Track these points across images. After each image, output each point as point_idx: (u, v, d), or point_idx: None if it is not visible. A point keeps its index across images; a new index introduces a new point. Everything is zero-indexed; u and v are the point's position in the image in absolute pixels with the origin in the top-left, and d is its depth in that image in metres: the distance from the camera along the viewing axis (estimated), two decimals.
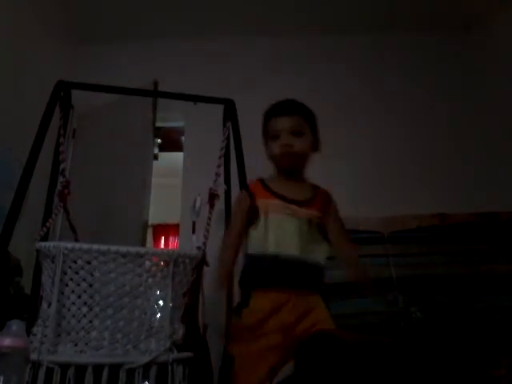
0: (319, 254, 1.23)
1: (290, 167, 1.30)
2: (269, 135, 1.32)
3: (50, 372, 1.08)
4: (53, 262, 1.19)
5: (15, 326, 1.07)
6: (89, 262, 1.18)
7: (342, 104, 2.97)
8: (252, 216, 1.25)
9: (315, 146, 1.33)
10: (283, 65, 3.09)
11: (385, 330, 2.07)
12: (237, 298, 1.29)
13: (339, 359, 0.97)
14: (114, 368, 1.10)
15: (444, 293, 2.17)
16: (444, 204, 2.49)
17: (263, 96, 2.90)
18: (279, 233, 1.21)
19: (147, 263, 1.23)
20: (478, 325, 2.05)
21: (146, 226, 2.40)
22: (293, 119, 1.29)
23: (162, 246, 5.71)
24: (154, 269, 1.24)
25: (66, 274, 1.18)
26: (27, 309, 1.50)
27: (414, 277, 2.23)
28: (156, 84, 2.55)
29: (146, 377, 1.12)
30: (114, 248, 1.19)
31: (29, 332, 1.14)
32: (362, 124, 2.92)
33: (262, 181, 1.32)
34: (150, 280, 1.23)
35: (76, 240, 1.65)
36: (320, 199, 1.30)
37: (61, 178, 1.57)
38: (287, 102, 1.36)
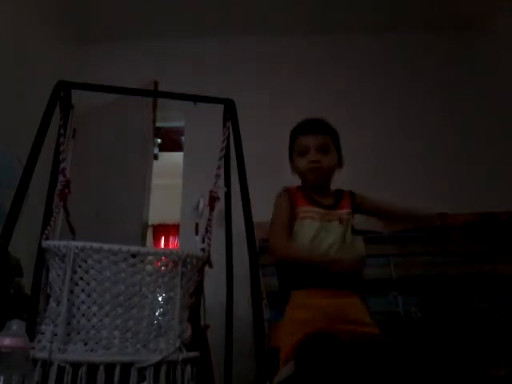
0: (355, 250, 1.29)
1: (318, 182, 1.39)
2: (296, 151, 1.41)
3: (60, 371, 1.08)
4: (62, 260, 1.19)
5: (15, 325, 1.07)
6: (99, 261, 1.18)
7: (341, 103, 2.97)
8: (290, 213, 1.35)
9: (340, 162, 1.45)
10: (283, 65, 3.10)
11: (385, 330, 2.07)
12: None
13: (338, 359, 0.97)
14: (125, 367, 1.11)
15: (444, 293, 2.17)
16: (444, 204, 2.49)
17: (263, 96, 2.95)
18: (317, 236, 1.30)
19: (156, 263, 1.24)
20: (477, 325, 2.05)
21: (145, 226, 2.40)
22: (320, 137, 1.37)
23: (162, 246, 5.71)
24: (163, 269, 1.25)
25: (75, 272, 1.18)
26: (27, 309, 1.50)
27: (414, 277, 2.23)
28: (156, 84, 2.55)
29: (156, 376, 1.12)
30: (124, 248, 1.19)
31: (29, 332, 1.14)
32: (362, 123, 2.92)
33: (300, 187, 1.42)
34: (159, 280, 1.23)
35: (73, 240, 1.65)
36: (347, 198, 1.42)
37: (61, 178, 1.57)
38: (314, 121, 1.42)
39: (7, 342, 1.03)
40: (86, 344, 1.14)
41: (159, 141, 3.87)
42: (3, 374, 1.00)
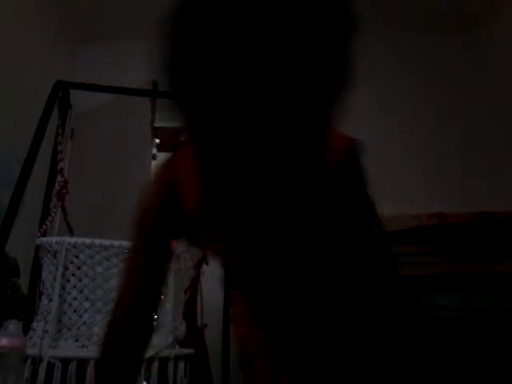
0: None
1: None
2: None
3: (50, 367, 1.09)
4: (55, 257, 1.20)
5: (12, 325, 1.07)
6: (91, 257, 1.19)
7: (341, 104, 2.96)
8: None
9: None
10: None
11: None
12: None
13: None
14: None
15: (444, 293, 2.17)
16: (444, 204, 2.49)
17: None
18: None
19: None
20: (477, 325, 2.04)
21: None
22: None
23: None
24: None
25: (67, 269, 1.19)
26: (24, 309, 1.50)
27: (411, 276, 2.22)
28: (155, 84, 2.55)
29: (148, 372, 1.12)
30: (116, 243, 1.20)
31: (26, 332, 1.14)
32: (361, 124, 2.90)
33: None
34: None
35: None
36: None
37: (59, 178, 1.58)
38: None
39: (4, 341, 1.03)
40: (77, 340, 1.14)
41: (158, 141, 3.86)
42: (0, 374, 1.00)
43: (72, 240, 1.20)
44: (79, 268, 1.19)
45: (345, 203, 0.68)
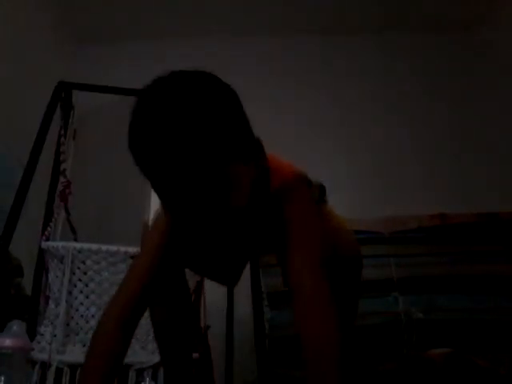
0: None
1: None
2: None
3: (59, 372, 1.09)
4: (61, 262, 1.20)
5: (16, 326, 1.08)
6: (97, 263, 1.19)
7: (341, 104, 2.97)
8: None
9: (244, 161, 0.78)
10: (283, 65, 3.10)
11: (385, 331, 2.07)
12: None
13: None
14: (124, 368, 1.11)
15: (444, 293, 2.17)
16: (444, 204, 2.49)
17: (263, 96, 2.94)
18: None
19: None
20: (477, 325, 2.05)
21: (146, 226, 2.40)
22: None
23: None
24: None
25: (74, 274, 1.19)
26: (28, 309, 1.50)
27: (414, 277, 2.23)
28: None
29: (154, 377, 1.13)
30: (123, 249, 1.20)
31: (30, 332, 1.14)
32: (361, 124, 2.92)
33: None
34: None
35: (75, 241, 1.65)
36: None
37: (62, 179, 1.58)
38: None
39: (8, 342, 1.04)
40: (84, 345, 1.15)
41: None
42: (4, 374, 1.00)
43: (78, 245, 1.20)
44: (85, 273, 1.19)
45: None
